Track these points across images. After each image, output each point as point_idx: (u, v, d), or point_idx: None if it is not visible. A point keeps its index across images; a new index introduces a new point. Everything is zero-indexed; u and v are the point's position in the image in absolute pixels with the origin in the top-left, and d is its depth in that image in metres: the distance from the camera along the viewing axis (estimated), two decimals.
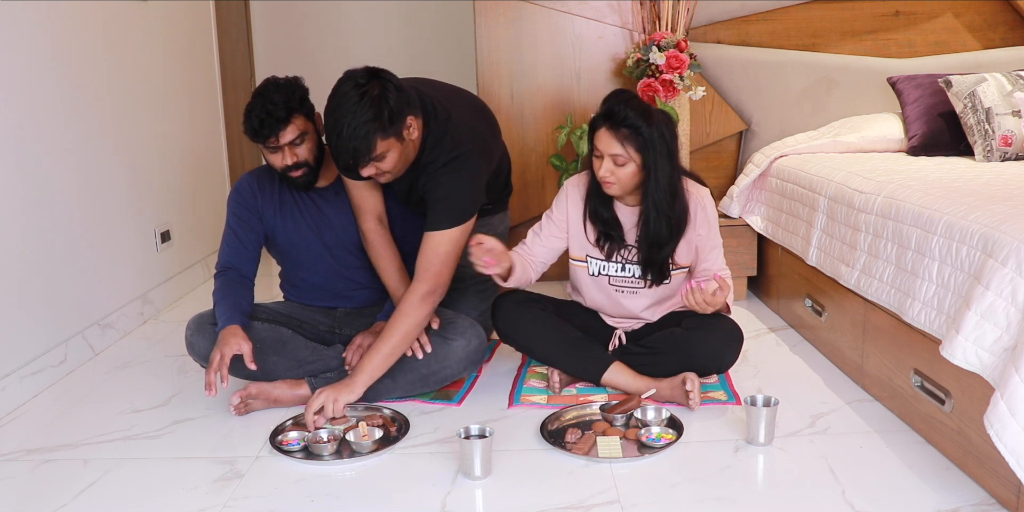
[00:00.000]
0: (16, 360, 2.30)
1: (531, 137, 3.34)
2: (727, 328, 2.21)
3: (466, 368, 2.21)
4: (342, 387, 2.02)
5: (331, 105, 1.98)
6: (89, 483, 1.81)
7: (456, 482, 1.78)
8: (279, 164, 2.18)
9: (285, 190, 2.32)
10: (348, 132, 1.94)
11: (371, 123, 1.94)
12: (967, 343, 1.62)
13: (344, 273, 2.36)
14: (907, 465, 1.82)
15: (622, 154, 2.06)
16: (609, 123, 2.06)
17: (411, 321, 2.08)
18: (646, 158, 2.07)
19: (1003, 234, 1.65)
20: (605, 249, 2.23)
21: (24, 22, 2.39)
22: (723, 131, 3.39)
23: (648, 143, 2.05)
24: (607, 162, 2.08)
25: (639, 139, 2.05)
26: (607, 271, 2.25)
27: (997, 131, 2.71)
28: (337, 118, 1.95)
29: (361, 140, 1.95)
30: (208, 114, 3.85)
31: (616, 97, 2.10)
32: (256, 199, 2.31)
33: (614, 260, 2.23)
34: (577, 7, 3.26)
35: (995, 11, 3.53)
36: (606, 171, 2.09)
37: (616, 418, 2.00)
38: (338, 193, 2.32)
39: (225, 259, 2.30)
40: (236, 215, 2.31)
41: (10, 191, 2.30)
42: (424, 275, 2.09)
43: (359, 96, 1.94)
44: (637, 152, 2.06)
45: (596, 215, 2.21)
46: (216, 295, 2.22)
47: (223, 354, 2.04)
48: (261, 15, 4.92)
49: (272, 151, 2.17)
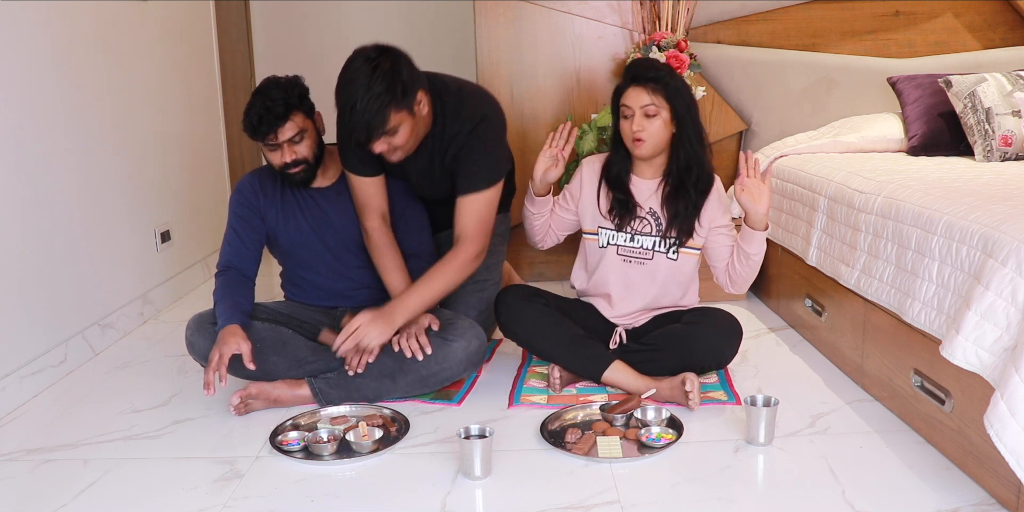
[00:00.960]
0: (16, 360, 2.30)
1: (531, 137, 3.34)
2: (726, 323, 2.22)
3: (466, 369, 2.21)
4: (381, 317, 2.05)
5: (343, 80, 1.99)
6: (89, 483, 1.81)
7: (456, 482, 1.78)
8: (278, 162, 2.19)
9: (287, 190, 2.32)
10: (362, 106, 1.94)
11: (384, 96, 1.94)
12: (967, 343, 1.62)
13: (345, 273, 2.36)
14: (907, 465, 1.82)
15: (652, 103, 2.13)
16: (637, 80, 2.16)
17: (456, 278, 2.17)
18: (676, 106, 2.15)
19: (1003, 234, 1.65)
20: (616, 219, 2.28)
21: (24, 22, 2.39)
22: (723, 131, 3.39)
23: (677, 92, 2.14)
24: (638, 117, 2.15)
25: (668, 89, 2.15)
26: (616, 241, 2.30)
27: (997, 131, 2.71)
28: (350, 92, 1.95)
29: (375, 113, 1.95)
30: (208, 114, 3.85)
31: (638, 61, 2.26)
32: (258, 199, 2.32)
33: (625, 231, 2.28)
34: (577, 7, 3.26)
35: (995, 11, 3.53)
36: (637, 126, 2.15)
37: (616, 418, 2.00)
38: (340, 193, 2.32)
39: (226, 258, 2.30)
40: (238, 214, 2.32)
41: (10, 191, 2.30)
42: (472, 237, 2.17)
43: (371, 70, 1.95)
44: (666, 101, 2.15)
45: (613, 182, 2.27)
46: (216, 294, 2.22)
47: (222, 353, 2.04)
48: (261, 15, 4.92)
49: (271, 149, 2.18)
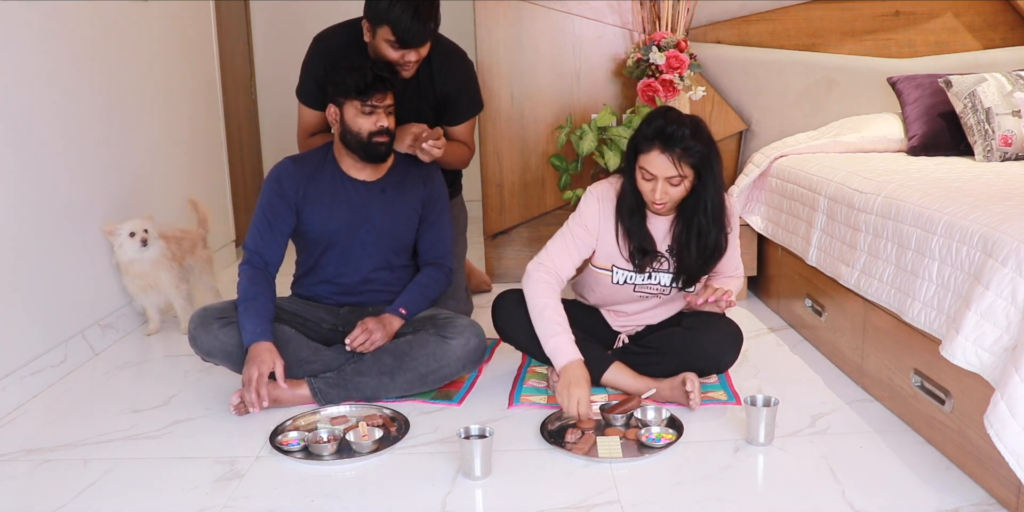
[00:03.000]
0: (16, 360, 2.30)
1: (531, 137, 3.34)
2: (727, 328, 2.21)
3: (464, 367, 2.21)
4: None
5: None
6: (89, 483, 1.81)
7: (456, 482, 1.78)
8: (372, 126, 2.21)
9: (329, 178, 2.30)
10: (423, 12, 2.26)
11: (434, 9, 2.32)
12: (967, 343, 1.62)
13: (363, 269, 2.34)
14: (907, 465, 1.82)
15: (678, 175, 2.01)
16: (662, 144, 1.99)
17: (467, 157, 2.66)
18: (700, 174, 2.04)
19: (1003, 234, 1.65)
20: (638, 264, 2.18)
21: (24, 22, 2.39)
22: (723, 131, 3.39)
23: (705, 161, 2.01)
24: (661, 185, 2.02)
25: (695, 157, 2.00)
26: (633, 280, 2.23)
27: (997, 131, 2.71)
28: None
29: (427, 22, 2.28)
30: (208, 114, 3.85)
31: (664, 116, 2.03)
32: (296, 189, 2.29)
33: (644, 272, 2.21)
34: (577, 7, 3.26)
35: (995, 11, 3.53)
36: (661, 194, 2.03)
37: (616, 418, 2.00)
38: (384, 190, 2.32)
39: (254, 245, 2.28)
40: (271, 203, 2.29)
41: (10, 191, 2.30)
42: (467, 149, 2.65)
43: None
44: (691, 169, 2.02)
45: (631, 232, 2.15)
46: (241, 294, 2.20)
47: (260, 372, 2.06)
48: (261, 15, 4.93)
49: (368, 111, 2.19)
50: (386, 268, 2.36)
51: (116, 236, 2.73)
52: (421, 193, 2.36)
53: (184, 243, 2.98)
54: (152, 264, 2.78)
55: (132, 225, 2.72)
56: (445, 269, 2.39)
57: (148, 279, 2.80)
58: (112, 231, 2.73)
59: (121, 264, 2.77)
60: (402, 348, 2.18)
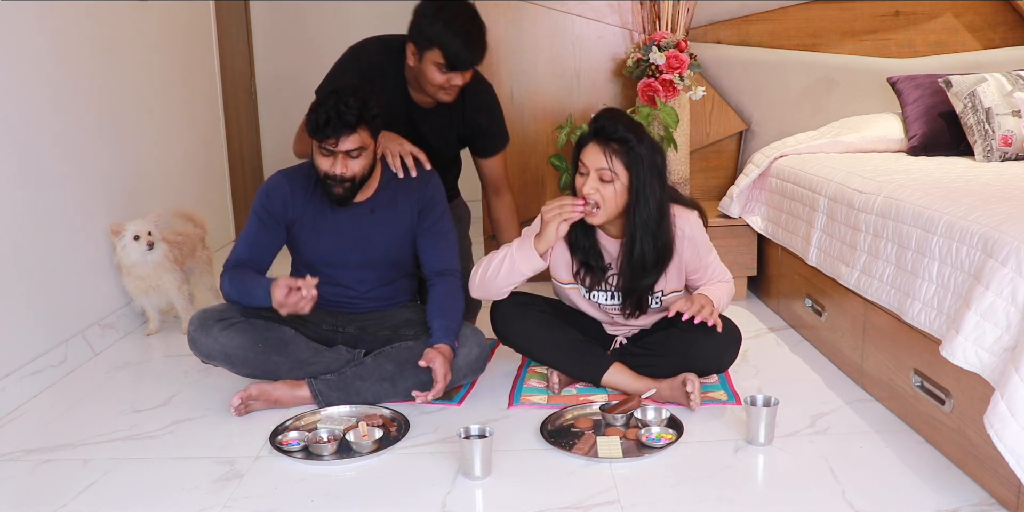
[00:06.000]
0: (16, 360, 2.30)
1: (531, 137, 3.34)
2: (726, 329, 2.20)
3: (466, 376, 2.21)
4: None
5: (450, 10, 2.22)
6: (89, 483, 1.81)
7: (456, 482, 1.78)
8: (326, 169, 2.10)
9: (319, 200, 2.23)
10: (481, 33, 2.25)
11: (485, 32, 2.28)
12: (967, 343, 1.62)
13: (355, 289, 2.31)
14: (907, 465, 1.82)
15: (608, 168, 1.99)
16: (598, 138, 2.01)
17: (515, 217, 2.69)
18: (634, 176, 2.00)
19: (1003, 234, 1.65)
20: (586, 281, 2.19)
21: (23, 22, 2.39)
22: (723, 131, 3.39)
23: (638, 160, 1.99)
24: (592, 178, 2.01)
25: (628, 155, 1.99)
26: (596, 299, 2.23)
27: (997, 131, 2.71)
28: (469, 17, 2.24)
29: (482, 43, 2.26)
30: (208, 114, 3.85)
31: (606, 114, 2.05)
32: (286, 208, 2.22)
33: (599, 289, 2.20)
34: (577, 7, 3.26)
35: (995, 11, 3.54)
36: (591, 188, 2.01)
37: (616, 418, 2.00)
38: (373, 210, 2.25)
39: (240, 256, 2.22)
40: (260, 218, 2.23)
41: (10, 191, 2.30)
42: (508, 186, 2.69)
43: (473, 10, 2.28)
44: (625, 169, 2.00)
45: (577, 245, 2.15)
46: (234, 281, 2.17)
47: (288, 284, 2.04)
48: (261, 15, 4.92)
49: (325, 153, 2.08)
50: (383, 284, 2.33)
51: (121, 237, 2.72)
52: (416, 201, 2.27)
53: (184, 247, 2.98)
54: (155, 267, 2.78)
55: (137, 227, 2.72)
56: (455, 274, 2.29)
57: (150, 281, 2.80)
58: (118, 231, 2.72)
59: (123, 266, 2.77)
60: (404, 355, 2.17)
